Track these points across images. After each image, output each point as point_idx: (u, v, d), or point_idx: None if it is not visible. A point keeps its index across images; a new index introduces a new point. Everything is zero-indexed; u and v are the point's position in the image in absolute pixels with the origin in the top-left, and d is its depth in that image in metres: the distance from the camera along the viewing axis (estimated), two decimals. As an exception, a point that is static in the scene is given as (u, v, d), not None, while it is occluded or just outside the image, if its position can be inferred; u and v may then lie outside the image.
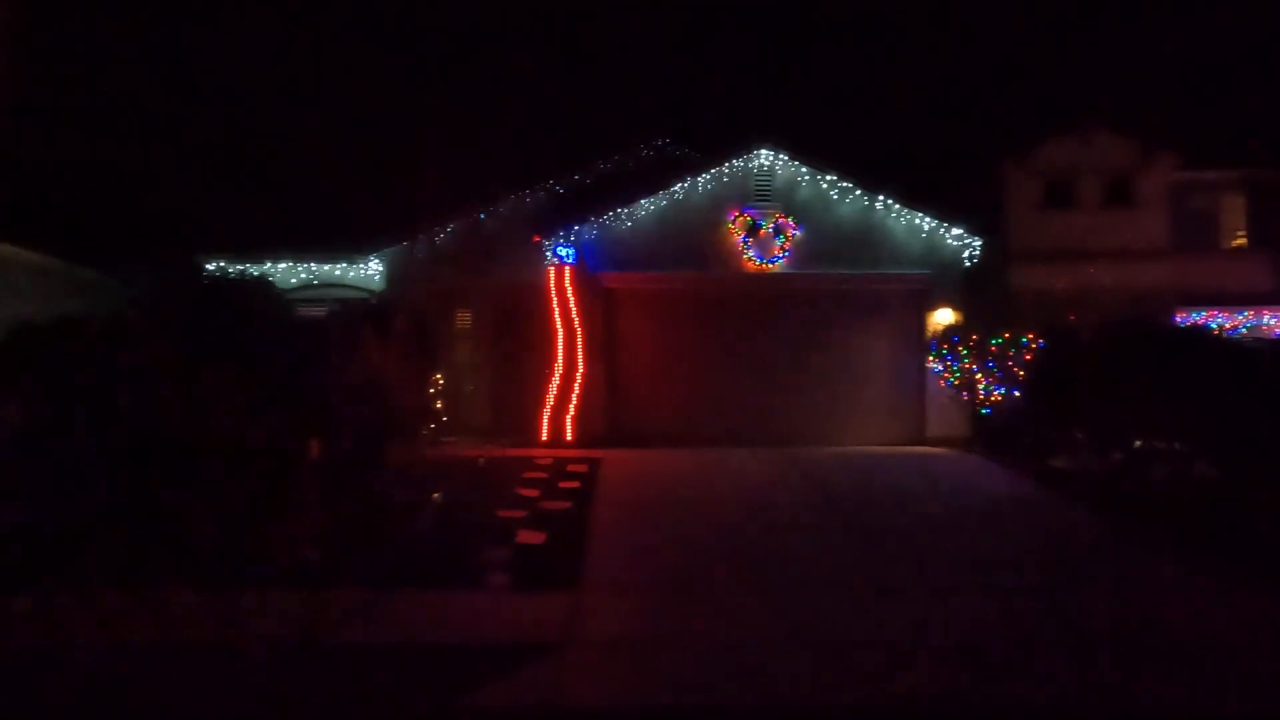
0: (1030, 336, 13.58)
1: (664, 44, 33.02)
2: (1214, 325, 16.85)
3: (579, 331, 15.01)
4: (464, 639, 5.19)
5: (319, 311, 12.99)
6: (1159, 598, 6.13)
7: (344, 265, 16.37)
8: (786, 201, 15.66)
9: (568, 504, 9.13)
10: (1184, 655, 4.96)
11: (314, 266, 16.36)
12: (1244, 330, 17.11)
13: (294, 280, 16.00)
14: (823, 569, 6.86)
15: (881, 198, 15.69)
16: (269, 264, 15.96)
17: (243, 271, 15.24)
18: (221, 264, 15.64)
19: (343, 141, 20.20)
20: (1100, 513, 9.04)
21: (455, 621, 5.49)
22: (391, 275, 16.20)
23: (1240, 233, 18.49)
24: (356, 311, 12.34)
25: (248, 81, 20.79)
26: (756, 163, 15.77)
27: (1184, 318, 16.64)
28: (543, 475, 10.88)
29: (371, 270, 16.38)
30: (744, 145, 15.83)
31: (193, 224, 17.33)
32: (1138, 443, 11.29)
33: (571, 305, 15.04)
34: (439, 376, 14.34)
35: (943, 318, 15.42)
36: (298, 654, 4.96)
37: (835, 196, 15.72)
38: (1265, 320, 17.47)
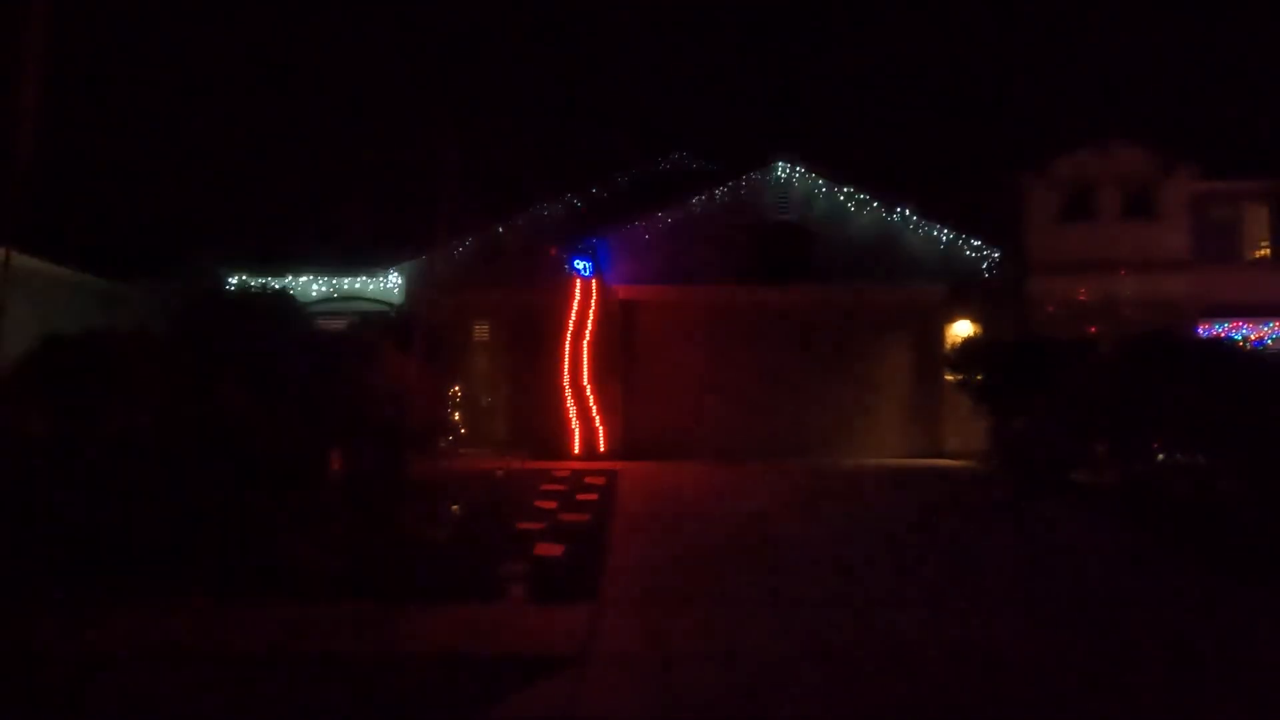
0: (1050, 348, 13.44)
1: (683, 58, 33.17)
2: (1238, 336, 16.66)
3: (596, 344, 15.06)
4: (482, 651, 5.20)
5: (339, 324, 13.13)
6: (1194, 618, 6.04)
7: (364, 278, 16.53)
8: (803, 214, 15.68)
9: (585, 516, 9.13)
10: (1234, 681, 4.89)
11: (334, 280, 16.52)
12: (1270, 341, 16.90)
13: (314, 293, 16.16)
14: (840, 585, 6.83)
15: (899, 210, 15.66)
16: (290, 277, 16.13)
17: (264, 284, 15.43)
18: (244, 277, 15.83)
19: (363, 156, 20.42)
20: (1125, 530, 8.93)
21: (473, 633, 5.51)
22: (410, 288, 16.34)
23: (1264, 243, 18.30)
24: (376, 324, 12.45)
25: (270, 97, 21.09)
26: (773, 175, 15.80)
27: (1207, 329, 16.47)
28: (560, 488, 10.90)
29: (391, 283, 16.52)
30: (761, 158, 15.88)
31: (215, 237, 17.57)
32: (1160, 456, 11.17)
33: (588, 318, 15.09)
34: (457, 388, 14.42)
35: (961, 329, 15.34)
36: (315, 665, 4.99)
37: (853, 209, 15.71)
38: (1291, 331, 17.26)
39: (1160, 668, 5.00)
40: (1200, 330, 16.17)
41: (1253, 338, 16.88)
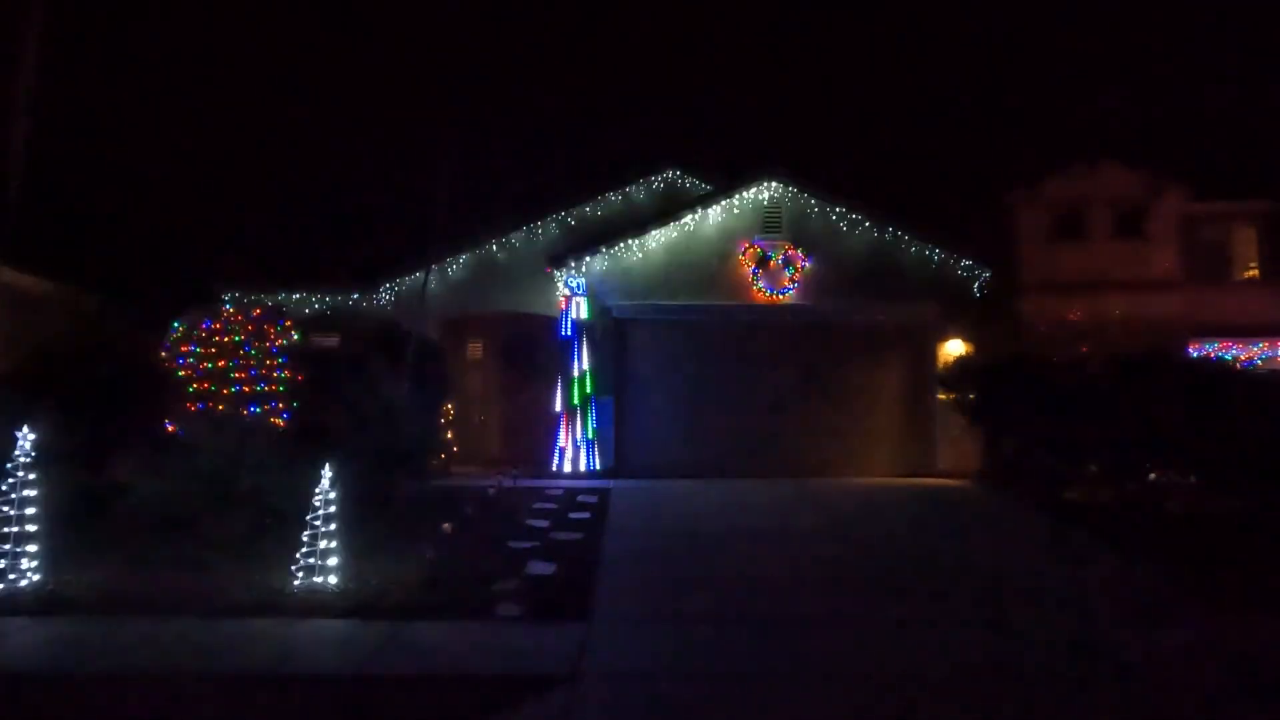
0: (1041, 367, 13.48)
1: (675, 76, 33.43)
2: (1228, 356, 16.76)
3: (588, 362, 15.04)
4: (473, 670, 5.15)
5: (332, 342, 13.08)
6: (1192, 642, 6.03)
7: (357, 295, 16.49)
8: (796, 233, 15.73)
9: (578, 535, 9.10)
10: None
11: (327, 297, 16.48)
12: (1259, 362, 17.00)
13: (307, 310, 16.10)
14: (833, 603, 6.80)
15: (891, 229, 15.73)
16: (283, 293, 16.08)
17: (257, 301, 15.38)
18: (236, 293, 15.79)
19: (357, 173, 20.49)
20: (1118, 550, 8.91)
21: (464, 652, 5.46)
22: (403, 305, 16.30)
23: (1252, 264, 18.45)
24: (369, 342, 12.41)
25: (263, 113, 21.13)
26: (766, 194, 15.87)
27: (1197, 349, 16.56)
28: (552, 506, 10.85)
29: (384, 300, 16.50)
30: (753, 177, 15.94)
31: (208, 253, 17.55)
32: (1152, 475, 11.20)
33: (581, 336, 15.09)
34: (450, 406, 14.37)
35: (953, 349, 15.38)
36: (303, 683, 4.93)
37: (845, 228, 15.78)
38: (1280, 352, 17.37)
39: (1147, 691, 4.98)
40: (1191, 350, 16.26)
41: (1243, 358, 16.98)
